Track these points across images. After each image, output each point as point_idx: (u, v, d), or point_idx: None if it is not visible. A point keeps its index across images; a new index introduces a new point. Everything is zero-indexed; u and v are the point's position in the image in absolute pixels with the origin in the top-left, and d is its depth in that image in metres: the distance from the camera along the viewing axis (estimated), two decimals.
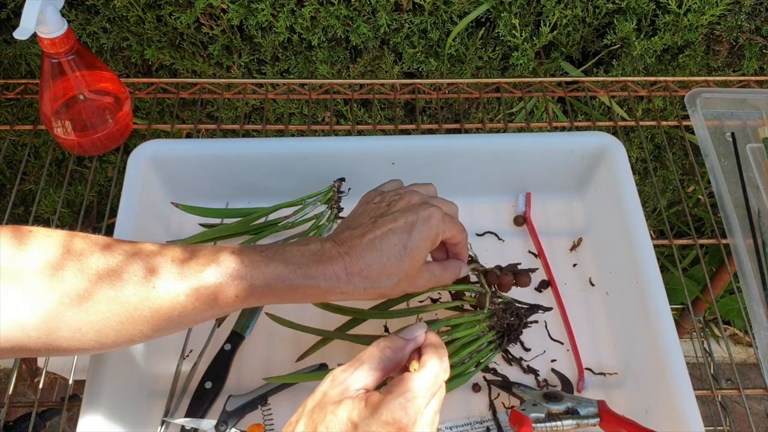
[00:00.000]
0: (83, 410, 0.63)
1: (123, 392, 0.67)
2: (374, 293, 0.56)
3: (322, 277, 0.54)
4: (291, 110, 1.10)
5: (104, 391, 0.64)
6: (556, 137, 0.84)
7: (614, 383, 0.73)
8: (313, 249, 0.55)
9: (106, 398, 0.64)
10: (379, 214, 0.58)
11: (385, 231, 0.56)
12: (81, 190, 1.23)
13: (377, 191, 0.64)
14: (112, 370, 0.65)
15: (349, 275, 0.54)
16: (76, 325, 0.48)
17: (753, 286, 0.75)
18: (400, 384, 0.47)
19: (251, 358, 0.73)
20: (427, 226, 0.57)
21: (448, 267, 0.63)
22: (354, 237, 0.56)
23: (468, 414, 0.70)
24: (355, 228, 0.57)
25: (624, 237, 0.75)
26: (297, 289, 0.54)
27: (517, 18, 0.95)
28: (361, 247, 0.55)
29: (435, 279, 0.61)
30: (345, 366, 0.49)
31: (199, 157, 0.80)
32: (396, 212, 0.58)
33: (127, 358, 0.68)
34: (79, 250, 0.50)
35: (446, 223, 0.59)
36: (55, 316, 0.48)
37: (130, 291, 0.49)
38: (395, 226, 0.56)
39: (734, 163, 0.86)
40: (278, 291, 0.53)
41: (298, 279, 0.53)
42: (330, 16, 0.94)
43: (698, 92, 0.90)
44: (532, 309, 0.70)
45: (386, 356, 0.50)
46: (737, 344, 1.61)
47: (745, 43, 1.02)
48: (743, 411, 1.52)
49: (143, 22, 0.96)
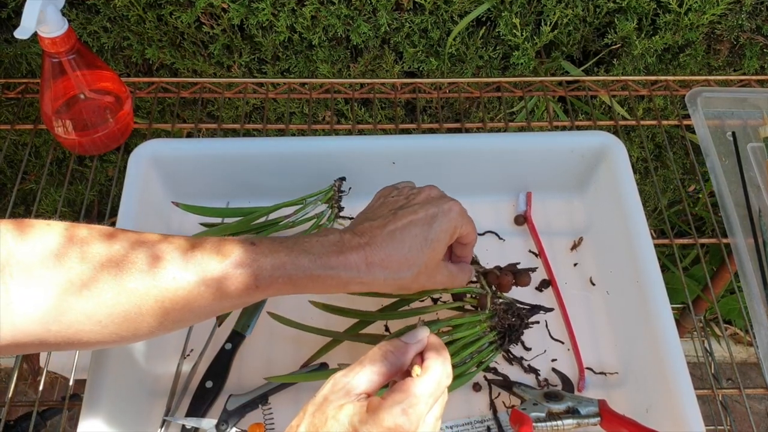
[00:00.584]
0: (84, 410, 0.63)
1: (124, 392, 0.67)
2: (394, 285, 0.56)
3: (342, 267, 0.53)
4: (292, 109, 1.10)
5: (105, 391, 0.64)
6: (557, 136, 0.84)
7: (615, 383, 0.73)
8: (333, 239, 0.55)
9: (106, 398, 0.64)
10: (399, 206, 0.58)
11: (406, 222, 0.56)
12: (82, 190, 1.23)
13: (393, 186, 0.64)
14: (113, 369, 0.65)
15: (369, 265, 0.54)
16: (82, 315, 0.48)
17: (753, 285, 0.75)
18: (402, 389, 0.46)
19: (252, 357, 0.73)
20: (447, 218, 0.57)
21: (464, 269, 0.63)
22: (374, 228, 0.56)
23: (468, 413, 0.70)
24: (375, 219, 0.57)
25: (625, 236, 0.75)
26: (317, 279, 0.53)
27: (518, 17, 0.95)
28: (382, 238, 0.55)
29: (452, 277, 0.61)
30: (346, 370, 0.49)
31: (199, 157, 0.80)
32: (416, 204, 0.58)
33: (128, 358, 0.68)
34: (83, 238, 0.49)
35: (465, 218, 0.60)
36: (58, 306, 0.48)
37: (135, 279, 0.49)
38: (416, 218, 0.56)
39: (735, 162, 0.86)
40: (299, 281, 0.53)
41: (319, 269, 0.53)
42: (330, 16, 0.94)
43: (699, 91, 0.90)
44: (534, 310, 0.70)
45: (388, 360, 0.49)
46: (738, 344, 1.61)
47: (746, 42, 1.02)
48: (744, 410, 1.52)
49: (144, 21, 0.96)
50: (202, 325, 0.74)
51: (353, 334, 0.71)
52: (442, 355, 0.51)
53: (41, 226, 0.49)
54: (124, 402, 0.66)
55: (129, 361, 0.68)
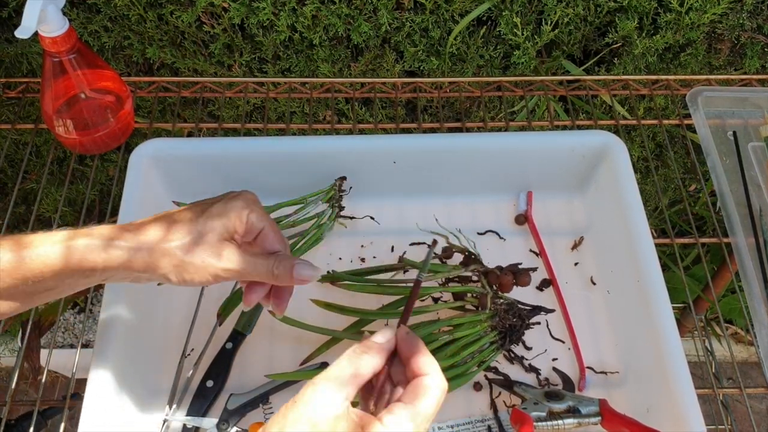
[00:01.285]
0: (85, 409, 0.63)
1: (124, 391, 0.67)
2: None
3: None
4: (292, 109, 1.10)
5: (105, 390, 0.64)
6: (558, 136, 0.84)
7: (615, 382, 0.73)
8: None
9: (107, 397, 0.64)
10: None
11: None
12: (82, 189, 1.23)
13: None
14: (114, 369, 0.65)
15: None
16: None
17: (754, 284, 0.75)
18: (414, 403, 0.45)
19: (253, 356, 0.74)
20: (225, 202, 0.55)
21: (257, 260, 0.56)
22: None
23: (469, 413, 0.70)
24: None
25: (625, 236, 0.75)
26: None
27: (519, 16, 0.95)
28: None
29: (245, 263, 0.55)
30: (322, 375, 0.48)
31: (200, 156, 0.80)
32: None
33: (129, 357, 0.68)
34: None
35: (252, 206, 0.56)
36: None
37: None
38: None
39: (736, 161, 0.86)
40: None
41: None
42: (331, 15, 0.94)
43: (700, 91, 0.90)
44: (535, 310, 0.70)
45: (360, 365, 0.47)
46: (739, 343, 1.61)
47: (747, 41, 1.02)
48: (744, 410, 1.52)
49: (144, 20, 0.96)
50: (203, 324, 0.75)
51: (353, 332, 0.71)
52: (433, 363, 0.48)
53: None
54: (125, 401, 0.66)
55: (130, 360, 0.68)
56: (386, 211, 0.84)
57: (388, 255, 0.81)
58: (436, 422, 0.69)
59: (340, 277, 0.72)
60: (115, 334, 0.67)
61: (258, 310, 0.75)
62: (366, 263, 0.80)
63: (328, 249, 0.81)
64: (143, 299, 0.73)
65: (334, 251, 0.81)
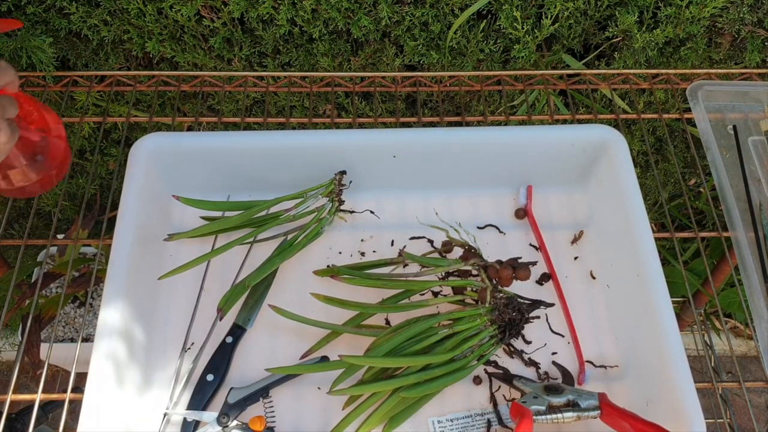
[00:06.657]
0: (85, 403, 0.63)
1: (125, 385, 0.67)
2: None
3: None
4: (292, 103, 1.10)
5: (106, 384, 0.64)
6: (558, 130, 0.84)
7: (615, 376, 0.73)
8: None
9: (107, 391, 0.64)
10: None
11: None
12: (82, 183, 1.23)
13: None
14: (114, 363, 0.66)
15: None
16: None
17: (754, 278, 0.76)
18: None
19: (253, 350, 0.74)
20: None
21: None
22: None
23: (469, 406, 0.71)
24: None
25: (625, 230, 0.75)
26: None
27: (519, 10, 0.95)
28: None
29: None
30: None
31: (200, 150, 0.80)
32: None
33: (129, 351, 0.68)
34: None
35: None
36: None
37: None
38: None
39: (736, 156, 0.86)
40: None
41: None
42: (331, 9, 0.94)
43: (700, 85, 0.90)
44: (534, 304, 0.70)
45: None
46: (738, 337, 1.62)
47: (747, 35, 1.02)
48: (744, 403, 1.52)
49: (144, 14, 0.96)
50: (204, 318, 0.75)
51: (353, 326, 0.71)
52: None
53: None
54: (125, 395, 0.67)
55: (130, 354, 0.69)
56: (386, 206, 0.84)
57: (388, 249, 0.81)
58: (435, 416, 0.69)
59: (340, 272, 0.73)
60: (115, 328, 0.67)
61: (258, 305, 0.76)
62: (366, 257, 0.80)
63: (328, 243, 0.81)
64: (143, 293, 0.73)
65: (334, 245, 0.81)
